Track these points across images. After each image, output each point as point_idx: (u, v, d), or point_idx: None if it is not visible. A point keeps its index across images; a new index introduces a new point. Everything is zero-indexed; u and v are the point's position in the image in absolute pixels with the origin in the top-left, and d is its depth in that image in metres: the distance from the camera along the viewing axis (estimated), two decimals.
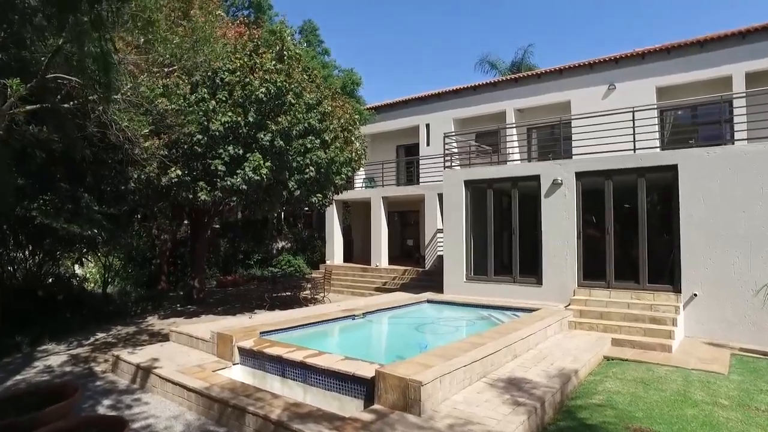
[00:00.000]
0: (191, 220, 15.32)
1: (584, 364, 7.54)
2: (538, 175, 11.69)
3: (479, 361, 6.64)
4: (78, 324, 11.52)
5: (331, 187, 12.69)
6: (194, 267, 14.79)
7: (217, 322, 9.81)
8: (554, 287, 11.32)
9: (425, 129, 19.63)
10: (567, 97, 16.28)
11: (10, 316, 10.07)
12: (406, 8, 55.00)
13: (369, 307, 10.81)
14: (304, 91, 11.33)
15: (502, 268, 12.39)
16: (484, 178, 12.69)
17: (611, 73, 15.42)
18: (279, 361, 6.98)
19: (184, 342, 8.75)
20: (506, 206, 12.56)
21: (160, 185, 10.55)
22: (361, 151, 13.02)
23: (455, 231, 12.93)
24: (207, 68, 10.91)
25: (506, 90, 17.80)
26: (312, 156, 11.23)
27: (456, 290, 12.77)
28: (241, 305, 14.68)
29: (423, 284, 15.57)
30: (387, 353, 8.06)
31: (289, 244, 24.13)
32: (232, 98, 10.92)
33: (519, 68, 25.69)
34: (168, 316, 13.07)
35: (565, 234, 11.23)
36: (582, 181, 11.20)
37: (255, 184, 10.72)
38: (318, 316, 9.59)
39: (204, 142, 10.46)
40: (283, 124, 10.56)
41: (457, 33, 55.17)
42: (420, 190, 17.52)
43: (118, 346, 9.95)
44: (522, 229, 12.10)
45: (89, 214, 9.43)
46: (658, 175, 10.29)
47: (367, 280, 17.55)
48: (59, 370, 8.21)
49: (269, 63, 11.06)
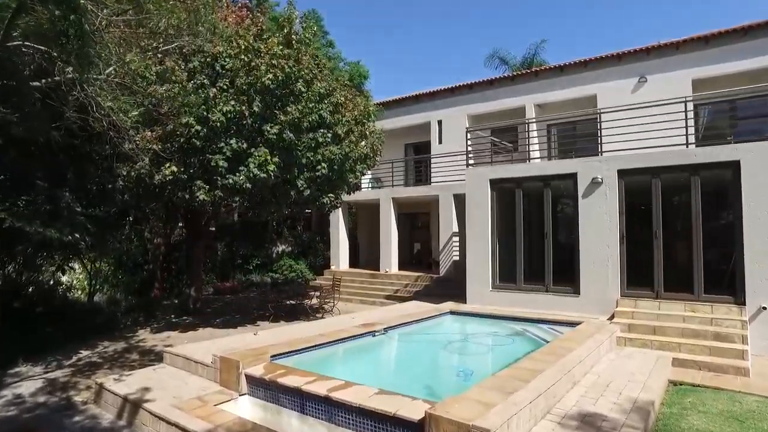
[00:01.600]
0: (187, 222, 14.08)
1: (656, 393, 6.38)
2: (575, 173, 10.54)
3: (543, 395, 5.46)
4: (59, 340, 10.23)
5: (345, 187, 11.47)
6: (190, 274, 13.53)
7: (218, 341, 8.57)
8: (594, 297, 10.16)
9: (437, 126, 18.46)
10: (592, 90, 15.16)
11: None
12: (409, 9, 53.94)
13: (387, 321, 9.60)
14: (315, 78, 10.13)
15: (533, 276, 11.22)
16: (512, 176, 11.52)
17: (642, 65, 14.32)
18: (297, 394, 5.75)
19: (181, 365, 7.49)
20: (537, 207, 11.39)
21: (152, 183, 9.31)
22: (377, 146, 11.83)
23: (479, 235, 11.75)
24: (206, 54, 9.74)
25: (525, 84, 16.65)
26: (324, 151, 10.01)
27: (480, 300, 11.59)
28: (241, 316, 13.43)
29: (438, 292, 14.37)
30: (421, 380, 6.86)
31: (289, 247, 22.85)
32: (234, 87, 9.72)
33: (530, 64, 24.62)
34: (161, 329, 11.80)
35: (607, 238, 10.09)
36: (625, 179, 10.06)
37: (260, 182, 9.49)
38: (334, 334, 8.36)
39: (203, 135, 9.24)
40: (294, 115, 9.35)
41: (464, 32, 54.13)
42: (433, 191, 16.33)
43: (104, 367, 8.68)
44: (556, 233, 10.95)
45: (70, 216, 8.18)
46: (716, 172, 9.17)
47: (376, 287, 16.32)
48: (31, 400, 6.93)
49: (276, 47, 9.86)
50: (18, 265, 11.06)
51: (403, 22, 56.71)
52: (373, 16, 54.25)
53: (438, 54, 56.56)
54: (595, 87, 15.13)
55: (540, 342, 8.76)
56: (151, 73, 8.22)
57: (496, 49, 29.19)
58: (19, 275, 11.33)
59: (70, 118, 6.16)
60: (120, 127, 6.03)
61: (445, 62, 54.33)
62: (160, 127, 8.83)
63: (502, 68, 25.81)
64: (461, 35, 54.35)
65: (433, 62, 56.02)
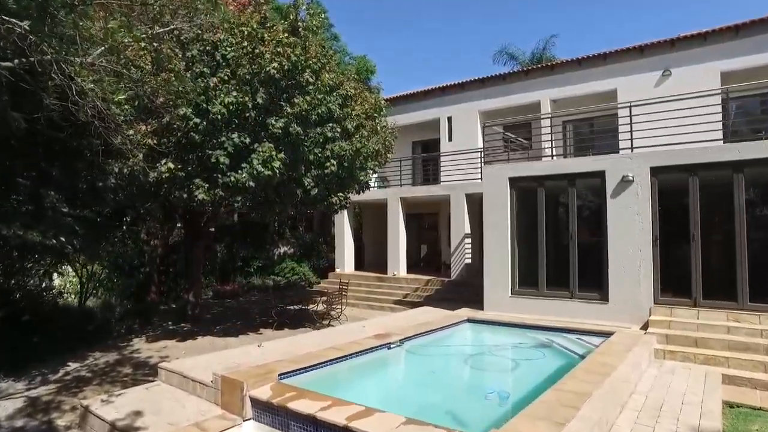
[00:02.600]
0: (185, 223, 13.30)
1: (718, 418, 5.62)
2: (603, 171, 9.78)
3: (597, 423, 4.70)
4: (47, 351, 9.46)
5: (355, 186, 10.69)
6: (189, 278, 12.74)
7: (219, 354, 7.79)
8: (624, 304, 9.40)
9: (446, 123, 17.68)
10: (612, 85, 14.39)
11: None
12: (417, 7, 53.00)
13: (401, 331, 8.83)
14: (323, 68, 9.36)
15: (556, 281, 10.44)
16: (533, 175, 10.75)
17: (666, 58, 13.56)
18: (311, 422, 4.98)
19: (177, 383, 6.72)
20: (561, 207, 10.63)
21: (147, 182, 8.53)
22: (390, 142, 11.05)
23: (498, 237, 10.98)
24: (205, 42, 8.97)
25: (540, 79, 15.88)
26: (333, 147, 9.24)
27: (499, 307, 10.82)
28: (242, 323, 12.65)
29: (451, 297, 13.60)
30: (448, 403, 6.10)
31: (291, 249, 22.03)
32: (236, 78, 8.94)
33: (540, 60, 23.84)
34: (158, 338, 11.02)
35: (638, 240, 9.33)
36: (659, 177, 9.31)
37: (265, 180, 8.71)
38: (346, 347, 7.59)
39: (202, 129, 8.46)
40: (302, 106, 8.57)
41: (470, 28, 53.10)
42: (444, 190, 15.54)
43: (93, 383, 7.91)
44: (581, 235, 10.19)
45: (55, 217, 7.40)
46: (763, 169, 8.42)
47: (384, 291, 15.55)
48: (7, 424, 6.15)
49: (282, 34, 9.09)
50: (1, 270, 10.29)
51: (406, 19, 55.77)
52: (374, 14, 53.26)
53: (442, 51, 55.56)
54: (614, 81, 14.37)
55: (571, 355, 8.00)
56: (146, 62, 7.47)
57: (505, 45, 28.38)
58: (7, 279, 10.55)
59: (50, 106, 5.38)
60: (106, 115, 5.24)
61: (451, 61, 53.27)
62: (155, 119, 8.05)
63: (510, 64, 25.06)
64: (466, 32, 53.37)
65: (438, 60, 55.03)
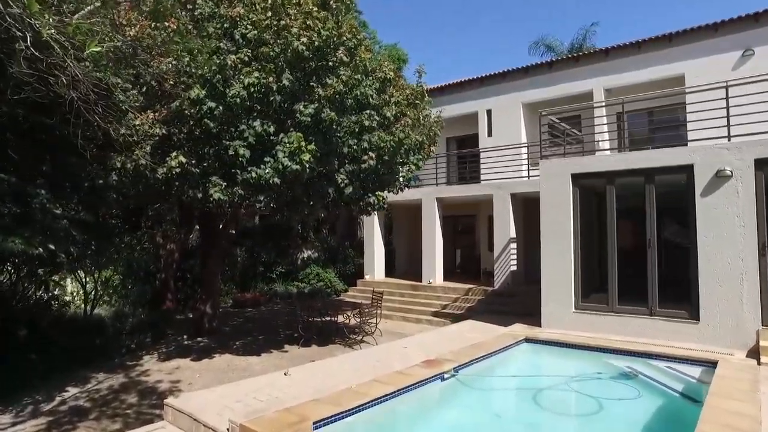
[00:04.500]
0: (201, 226, 12.11)
1: None
2: (691, 164, 8.19)
3: None
4: (46, 370, 8.33)
5: (396, 183, 9.29)
6: (205, 288, 11.51)
7: (238, 385, 6.47)
8: (721, 325, 7.79)
9: (486, 116, 16.16)
10: (678, 69, 12.70)
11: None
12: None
13: (452, 354, 7.38)
14: (359, 46, 8.00)
15: (630, 295, 8.87)
16: (601, 170, 9.20)
17: (746, 35, 11.82)
18: None
19: (186, 427, 5.41)
20: (635, 208, 9.04)
21: (154, 178, 7.28)
22: (435, 132, 9.63)
23: (558, 242, 9.45)
24: (223, 18, 7.73)
25: (592, 66, 14.25)
26: (372, 138, 7.85)
27: (560, 324, 9.28)
28: (265, 337, 11.37)
29: (496, 309, 12.11)
30: None
31: (315, 253, 20.74)
32: (257, 58, 7.65)
33: (579, 50, 22.17)
34: (170, 356, 9.81)
35: (739, 248, 7.71)
36: (765, 171, 7.69)
37: (292, 176, 7.37)
38: (392, 379, 6.18)
39: (218, 115, 7.17)
40: (336, 88, 7.22)
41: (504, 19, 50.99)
42: (487, 190, 14.02)
43: (90, 417, 6.69)
44: (662, 241, 8.61)
45: (45, 220, 6.18)
46: None
47: (420, 301, 14.10)
48: None
49: (311, 5, 7.77)
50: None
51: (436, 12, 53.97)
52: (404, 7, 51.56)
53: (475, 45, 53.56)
54: (682, 65, 12.67)
55: (669, 393, 6.46)
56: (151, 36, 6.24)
57: (542, 35, 26.80)
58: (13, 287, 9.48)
59: (21, 78, 4.12)
60: (82, 80, 3.94)
61: (487, 53, 51.23)
62: (163, 105, 6.81)
63: (547, 55, 23.46)
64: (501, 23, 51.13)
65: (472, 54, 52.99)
